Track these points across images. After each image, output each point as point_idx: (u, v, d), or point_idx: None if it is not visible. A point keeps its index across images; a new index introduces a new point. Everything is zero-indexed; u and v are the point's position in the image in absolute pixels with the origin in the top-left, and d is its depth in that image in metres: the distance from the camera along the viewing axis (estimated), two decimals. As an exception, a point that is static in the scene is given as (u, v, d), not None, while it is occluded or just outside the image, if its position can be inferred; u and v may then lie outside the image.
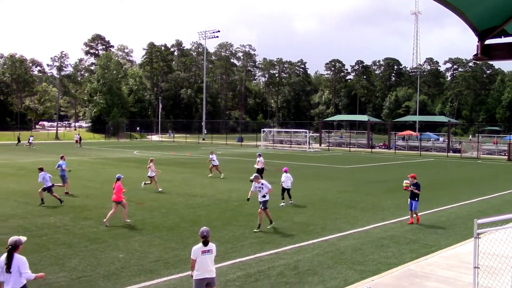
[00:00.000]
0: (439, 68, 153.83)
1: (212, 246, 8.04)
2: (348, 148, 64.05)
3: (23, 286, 6.99)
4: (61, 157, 23.52)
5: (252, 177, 16.14)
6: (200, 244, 7.94)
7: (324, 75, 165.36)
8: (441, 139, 69.41)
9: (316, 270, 11.01)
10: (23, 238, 7.24)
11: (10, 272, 6.87)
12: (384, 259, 12.04)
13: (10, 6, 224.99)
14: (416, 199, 16.12)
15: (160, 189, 22.77)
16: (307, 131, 67.47)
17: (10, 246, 6.93)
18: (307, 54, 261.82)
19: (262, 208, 15.19)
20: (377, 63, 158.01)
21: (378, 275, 10.71)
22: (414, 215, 16.32)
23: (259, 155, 28.27)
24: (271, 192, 15.65)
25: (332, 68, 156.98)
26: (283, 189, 19.86)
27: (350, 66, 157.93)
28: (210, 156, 29.49)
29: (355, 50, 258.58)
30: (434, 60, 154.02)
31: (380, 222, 16.57)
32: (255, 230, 14.73)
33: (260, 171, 26.71)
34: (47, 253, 12.11)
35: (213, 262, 8.13)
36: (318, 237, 14.27)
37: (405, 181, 16.64)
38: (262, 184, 15.46)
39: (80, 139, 66.40)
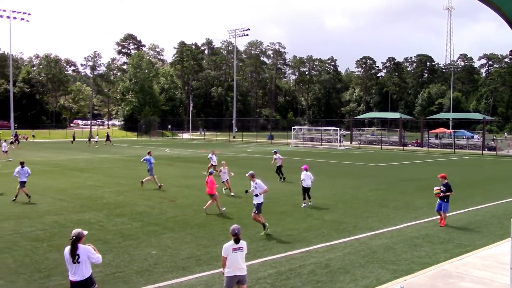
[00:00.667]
0: (473, 64, 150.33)
1: (243, 243, 8.06)
2: (380, 146, 63.32)
3: (90, 275, 7.27)
4: (148, 153, 24.87)
5: (247, 174, 15.54)
6: (231, 242, 7.98)
7: (355, 72, 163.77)
8: (475, 136, 67.85)
9: (347, 269, 10.94)
10: (85, 232, 7.46)
11: (79, 262, 7.12)
12: (417, 258, 11.86)
13: (45, 8, 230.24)
14: (446, 200, 15.53)
15: (232, 194, 21.55)
16: (338, 129, 66.99)
17: (74, 237, 7.18)
18: (337, 51, 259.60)
19: (255, 212, 14.38)
20: (409, 60, 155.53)
21: (411, 274, 10.57)
22: (442, 215, 15.77)
23: (275, 152, 27.89)
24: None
25: (363, 65, 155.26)
26: (304, 189, 18.71)
27: (382, 63, 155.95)
28: (209, 155, 28.81)
29: (387, 47, 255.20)
30: (468, 56, 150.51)
31: (413, 221, 16.33)
32: (261, 234, 14.11)
33: (279, 168, 26.69)
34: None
35: (244, 259, 8.14)
36: (349, 235, 14.16)
37: (435, 188, 15.86)
38: (256, 183, 14.64)
39: (108, 136, 67.43)
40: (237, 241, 7.97)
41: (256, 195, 14.58)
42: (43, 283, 9.91)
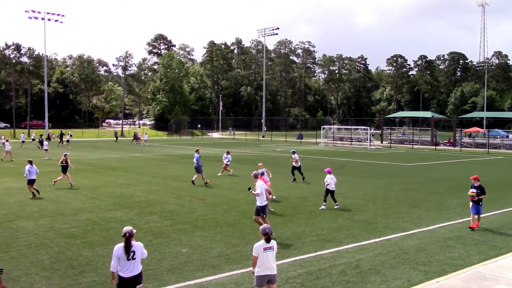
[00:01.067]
0: (508, 62, 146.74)
1: (273, 243, 8.05)
2: (411, 146, 62.42)
3: (141, 270, 7.55)
4: (196, 151, 25.83)
5: (252, 174, 15.11)
6: (262, 241, 7.95)
7: (386, 70, 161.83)
8: (510, 136, 66.23)
9: (378, 270, 10.83)
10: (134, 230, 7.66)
11: (134, 259, 7.37)
12: (450, 260, 11.65)
13: (78, 9, 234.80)
14: (480, 203, 15.02)
15: (273, 197, 19.73)
16: (368, 128, 66.35)
17: (127, 234, 7.38)
18: (367, 49, 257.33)
19: (263, 216, 13.75)
20: (441, 58, 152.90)
21: (444, 276, 10.39)
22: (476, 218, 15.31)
23: (293, 152, 27.23)
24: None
25: (394, 64, 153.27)
26: (327, 191, 18.16)
27: (413, 61, 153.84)
28: (224, 156, 29.06)
29: (418, 45, 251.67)
30: (503, 53, 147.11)
31: (445, 222, 16.05)
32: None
33: (297, 169, 26.37)
34: (114, 246, 12.55)
35: (275, 259, 8.13)
36: (380, 236, 14.01)
37: (470, 191, 15.21)
38: (256, 184, 14.09)
39: (136, 135, 68.71)
40: (268, 240, 7.94)
41: (260, 199, 13.87)
42: (77, 279, 10.12)
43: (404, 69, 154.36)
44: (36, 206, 18.25)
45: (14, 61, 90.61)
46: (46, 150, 40.27)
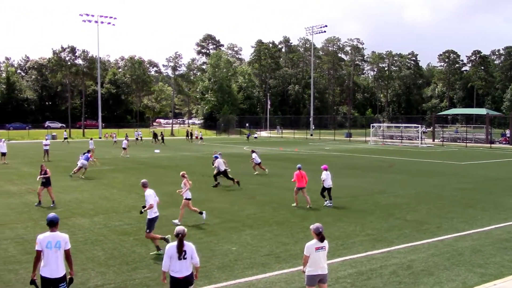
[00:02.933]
0: None
1: (325, 243, 7.97)
2: (464, 144, 60.50)
3: (192, 271, 7.54)
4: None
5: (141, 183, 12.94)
6: (315, 241, 7.87)
7: (437, 67, 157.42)
8: None
9: (431, 271, 10.56)
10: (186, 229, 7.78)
11: (185, 259, 7.43)
12: (508, 262, 11.23)
13: (130, 11, 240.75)
14: None
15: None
16: (419, 125, 64.82)
17: (180, 234, 7.47)
18: (418, 45, 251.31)
19: (147, 230, 12.21)
20: (497, 53, 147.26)
21: (501, 279, 10.03)
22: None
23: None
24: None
25: (446, 60, 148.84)
26: (324, 188, 18.31)
27: (466, 56, 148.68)
28: (252, 155, 28.81)
29: (471, 40, 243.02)
30: None
31: (502, 222, 15.48)
32: (152, 253, 12.07)
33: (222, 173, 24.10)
34: (165, 243, 12.79)
35: (326, 258, 8.06)
36: (433, 236, 13.66)
37: None
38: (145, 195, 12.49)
39: (191, 134, 70.92)
40: (321, 240, 7.86)
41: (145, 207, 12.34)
42: (131, 275, 10.38)
43: (457, 65, 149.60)
44: (91, 203, 18.84)
45: (69, 63, 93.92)
46: (125, 148, 41.39)
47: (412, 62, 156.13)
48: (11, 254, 11.88)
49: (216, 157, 24.10)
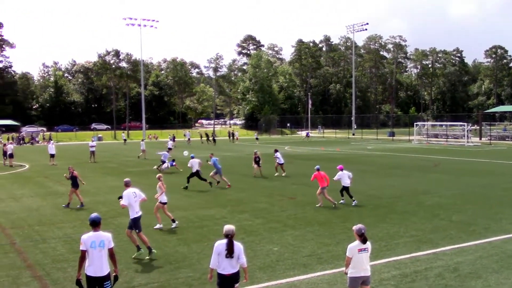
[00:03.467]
0: None
1: (368, 244, 7.84)
2: (514, 142, 58.52)
3: (238, 270, 7.67)
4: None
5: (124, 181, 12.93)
6: (357, 242, 7.77)
7: (484, 63, 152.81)
8: None
9: (479, 274, 10.24)
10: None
11: (232, 257, 7.56)
12: (561, 265, 10.77)
13: (172, 14, 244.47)
14: None
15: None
16: (465, 124, 63.08)
17: (229, 235, 7.60)
18: (463, 41, 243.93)
19: (136, 230, 12.01)
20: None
21: (554, 283, 9.63)
22: None
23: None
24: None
25: (493, 55, 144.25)
26: (343, 187, 18.50)
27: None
28: (275, 154, 28.41)
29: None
30: None
31: (554, 224, 14.87)
32: (133, 256, 11.92)
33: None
34: (208, 243, 12.91)
35: (369, 260, 7.93)
36: (480, 238, 13.25)
37: None
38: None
39: (233, 134, 71.63)
40: (364, 241, 7.75)
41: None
42: (174, 274, 10.52)
43: (505, 61, 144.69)
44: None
45: (114, 66, 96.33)
46: (170, 149, 42.41)
47: (457, 58, 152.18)
48: (59, 253, 12.25)
49: (192, 157, 24.00)
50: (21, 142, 69.14)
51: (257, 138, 71.32)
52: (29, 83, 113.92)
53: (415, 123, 69.92)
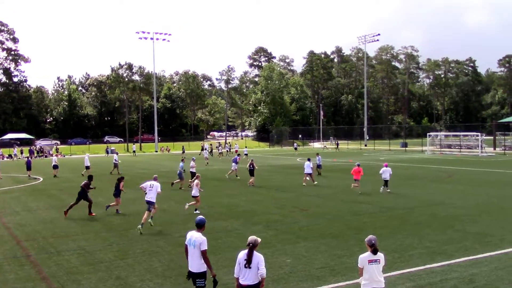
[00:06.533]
0: None
1: (380, 255, 7.75)
2: (528, 152, 57.90)
3: (259, 282, 7.54)
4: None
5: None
6: (368, 253, 7.71)
7: (497, 72, 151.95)
8: None
9: (495, 285, 10.13)
10: (259, 239, 7.92)
11: (250, 267, 7.53)
12: None
13: (183, 27, 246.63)
14: None
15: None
16: (479, 134, 62.57)
17: (251, 244, 7.63)
18: (476, 51, 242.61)
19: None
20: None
21: None
22: None
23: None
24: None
25: (507, 65, 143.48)
26: (385, 181, 24.69)
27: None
28: (305, 164, 28.68)
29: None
30: None
31: None
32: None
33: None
34: (221, 255, 12.94)
35: (381, 272, 7.81)
36: (496, 249, 13.11)
37: None
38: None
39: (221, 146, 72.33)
40: (374, 252, 7.67)
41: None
42: (187, 286, 10.51)
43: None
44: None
45: (126, 79, 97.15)
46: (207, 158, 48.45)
47: (470, 68, 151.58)
48: (73, 265, 12.32)
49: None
50: (38, 154, 69.82)
51: (296, 148, 72.32)
52: (44, 97, 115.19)
53: (428, 134, 69.53)
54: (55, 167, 37.97)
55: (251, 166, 29.25)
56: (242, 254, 7.64)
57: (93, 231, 16.42)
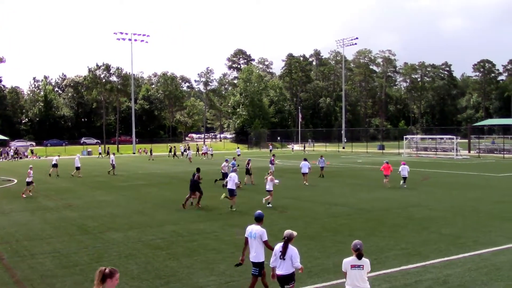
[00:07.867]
0: None
1: (364, 261, 7.55)
2: (502, 155, 58.98)
3: (292, 273, 8.30)
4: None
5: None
6: (353, 257, 7.57)
7: (472, 77, 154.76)
8: None
9: (469, 286, 10.28)
10: (295, 233, 8.60)
11: (284, 259, 8.26)
12: (549, 277, 10.84)
13: (161, 29, 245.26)
14: None
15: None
16: (454, 137, 63.57)
17: (286, 238, 8.34)
18: (452, 55, 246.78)
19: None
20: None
21: (542, 295, 9.69)
22: None
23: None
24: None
25: (481, 69, 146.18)
26: (403, 178, 27.83)
27: (502, 66, 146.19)
28: (304, 162, 30.30)
29: (507, 49, 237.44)
30: None
31: (542, 236, 14.98)
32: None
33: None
34: (198, 257, 12.88)
35: (365, 278, 7.57)
36: (469, 250, 13.31)
37: None
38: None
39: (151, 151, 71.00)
40: (359, 257, 7.52)
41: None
42: (164, 289, 10.45)
43: (493, 75, 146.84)
44: (125, 218, 19.11)
45: (104, 80, 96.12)
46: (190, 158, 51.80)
47: (445, 72, 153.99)
48: (47, 268, 12.13)
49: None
50: (14, 156, 68.42)
51: (271, 150, 73.41)
52: (19, 98, 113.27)
53: (404, 136, 70.34)
54: (55, 165, 37.98)
55: (247, 165, 30.95)
56: (278, 246, 8.35)
57: (68, 234, 16.19)
